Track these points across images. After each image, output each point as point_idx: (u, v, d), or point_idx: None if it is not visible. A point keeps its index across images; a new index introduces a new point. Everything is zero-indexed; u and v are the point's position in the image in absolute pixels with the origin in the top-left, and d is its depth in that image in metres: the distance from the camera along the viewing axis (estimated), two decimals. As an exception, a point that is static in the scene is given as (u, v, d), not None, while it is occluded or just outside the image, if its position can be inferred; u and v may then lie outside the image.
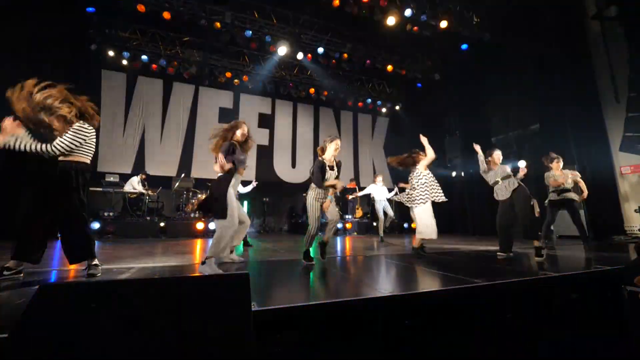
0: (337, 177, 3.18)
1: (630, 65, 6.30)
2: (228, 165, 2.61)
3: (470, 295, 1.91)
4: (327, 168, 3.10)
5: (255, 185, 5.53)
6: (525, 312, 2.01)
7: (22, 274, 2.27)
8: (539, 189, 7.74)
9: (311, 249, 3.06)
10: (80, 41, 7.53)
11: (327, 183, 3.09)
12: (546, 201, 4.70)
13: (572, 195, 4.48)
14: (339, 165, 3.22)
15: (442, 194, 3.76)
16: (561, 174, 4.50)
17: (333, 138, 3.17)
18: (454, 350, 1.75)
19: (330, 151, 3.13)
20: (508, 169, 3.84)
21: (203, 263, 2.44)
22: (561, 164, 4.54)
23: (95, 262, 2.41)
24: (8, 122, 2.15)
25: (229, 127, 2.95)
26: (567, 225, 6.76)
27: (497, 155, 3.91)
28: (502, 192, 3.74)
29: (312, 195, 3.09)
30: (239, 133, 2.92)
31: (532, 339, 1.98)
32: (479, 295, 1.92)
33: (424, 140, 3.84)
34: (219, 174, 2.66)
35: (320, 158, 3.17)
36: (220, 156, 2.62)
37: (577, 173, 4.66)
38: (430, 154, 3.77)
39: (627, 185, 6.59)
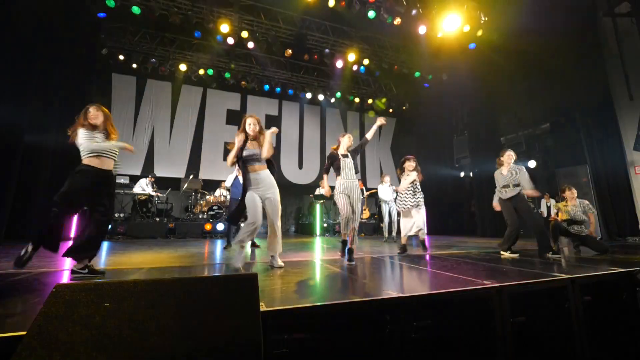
0: (354, 164, 3.41)
1: (644, 62, 6.15)
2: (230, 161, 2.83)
3: (480, 297, 1.88)
4: (340, 157, 3.39)
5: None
6: (536, 316, 1.97)
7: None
8: (551, 189, 7.59)
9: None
10: (92, 46, 7.70)
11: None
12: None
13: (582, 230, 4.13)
14: (353, 152, 3.47)
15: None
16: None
17: (344, 133, 3.54)
18: (463, 352, 1.73)
19: (344, 143, 3.46)
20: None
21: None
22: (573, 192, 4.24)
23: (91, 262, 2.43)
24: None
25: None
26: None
27: (508, 155, 3.95)
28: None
29: (337, 190, 3.34)
30: (248, 129, 2.85)
31: (543, 343, 1.95)
32: (488, 297, 1.90)
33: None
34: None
35: (332, 150, 3.49)
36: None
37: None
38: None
39: (642, 185, 6.42)
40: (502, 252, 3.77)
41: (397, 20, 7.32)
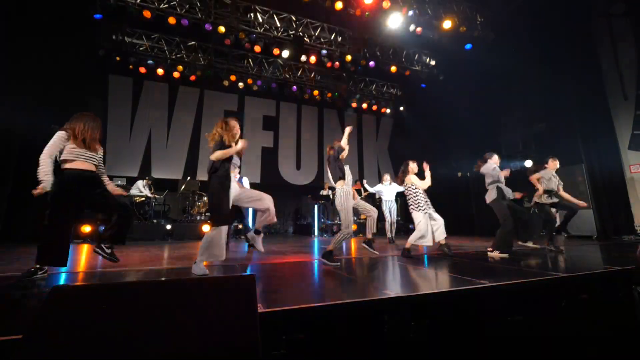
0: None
1: (638, 61, 6.21)
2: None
3: (477, 296, 1.89)
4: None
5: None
6: (533, 314, 1.98)
7: (46, 273, 2.43)
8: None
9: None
10: (88, 47, 7.67)
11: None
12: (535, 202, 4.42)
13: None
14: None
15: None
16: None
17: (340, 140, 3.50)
18: (461, 352, 1.74)
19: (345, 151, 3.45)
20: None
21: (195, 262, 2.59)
22: (557, 164, 4.46)
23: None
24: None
25: (222, 125, 2.73)
26: (576, 225, 6.69)
27: (495, 159, 4.05)
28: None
29: (343, 195, 3.23)
30: (235, 131, 2.77)
31: (540, 341, 1.96)
32: (485, 296, 1.91)
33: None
34: (213, 178, 2.59)
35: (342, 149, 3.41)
36: (219, 153, 2.55)
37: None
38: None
39: (637, 184, 6.47)
40: (490, 254, 3.67)
41: (394, 21, 7.35)
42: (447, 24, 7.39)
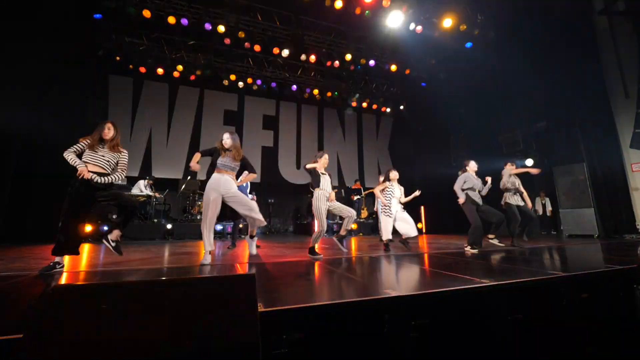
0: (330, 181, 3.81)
1: (639, 59, 6.18)
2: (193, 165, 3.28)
3: (477, 295, 1.89)
4: (320, 175, 3.75)
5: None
6: (533, 313, 1.98)
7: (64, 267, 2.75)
8: (547, 187, 7.63)
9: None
10: (88, 47, 7.67)
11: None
12: (503, 202, 4.82)
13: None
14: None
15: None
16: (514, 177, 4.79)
17: (322, 153, 3.86)
18: (461, 351, 1.74)
19: (322, 163, 3.81)
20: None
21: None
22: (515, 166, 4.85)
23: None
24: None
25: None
26: (576, 224, 6.69)
27: (472, 166, 4.45)
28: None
29: (315, 199, 3.68)
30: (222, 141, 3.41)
31: (541, 340, 1.95)
32: (486, 295, 1.91)
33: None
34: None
35: (314, 166, 3.78)
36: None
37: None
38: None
39: (639, 183, 6.45)
40: (465, 249, 4.14)
41: (395, 20, 7.32)
42: (447, 23, 7.38)
